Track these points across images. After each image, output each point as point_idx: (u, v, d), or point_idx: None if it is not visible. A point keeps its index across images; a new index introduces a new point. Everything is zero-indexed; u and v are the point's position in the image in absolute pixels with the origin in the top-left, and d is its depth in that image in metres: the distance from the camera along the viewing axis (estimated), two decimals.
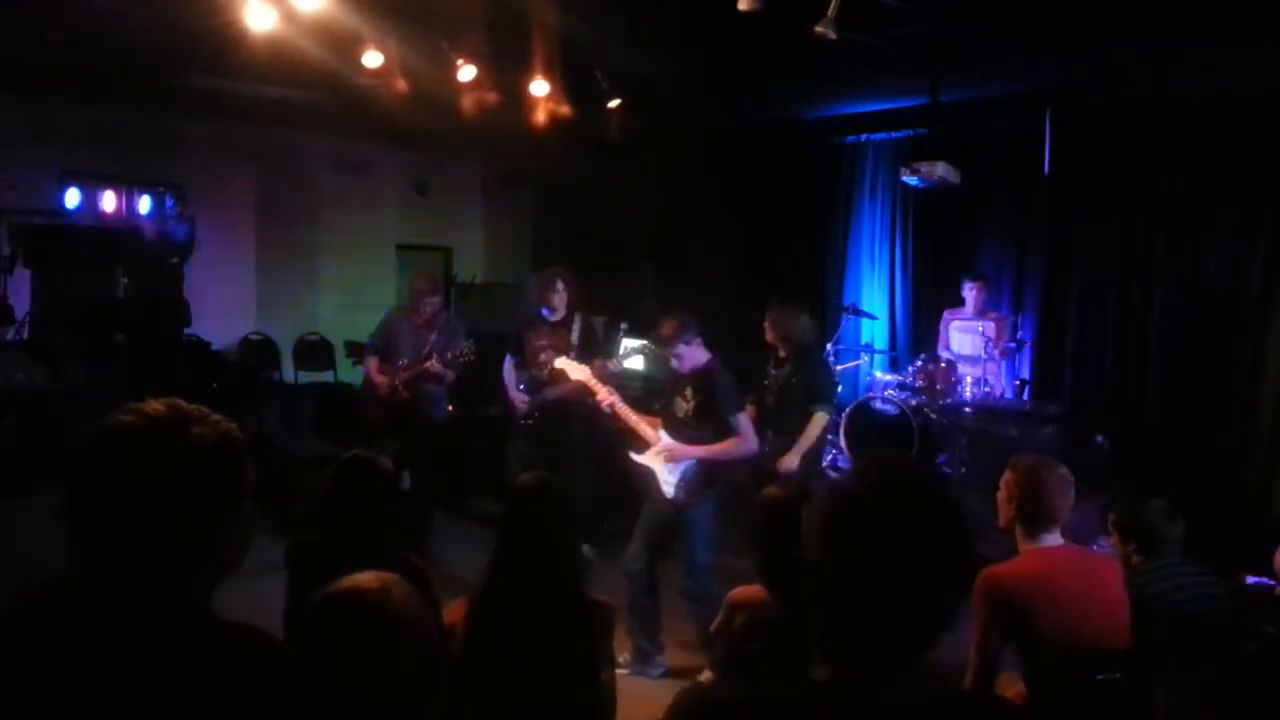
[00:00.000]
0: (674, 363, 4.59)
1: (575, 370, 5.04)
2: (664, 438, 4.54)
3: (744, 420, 4.58)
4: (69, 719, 1.38)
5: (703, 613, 4.31)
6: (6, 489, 6.03)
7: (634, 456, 4.62)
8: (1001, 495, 3.05)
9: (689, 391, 4.54)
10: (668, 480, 4.49)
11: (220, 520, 1.49)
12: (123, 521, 1.42)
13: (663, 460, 4.52)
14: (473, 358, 5.98)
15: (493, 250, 10.82)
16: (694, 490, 4.48)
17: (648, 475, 4.57)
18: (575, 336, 5.82)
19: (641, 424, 4.63)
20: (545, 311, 5.88)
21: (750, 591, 3.00)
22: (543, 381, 5.78)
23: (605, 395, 4.77)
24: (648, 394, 6.21)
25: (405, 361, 6.06)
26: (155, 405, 1.48)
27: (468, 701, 2.51)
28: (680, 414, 4.56)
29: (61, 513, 1.44)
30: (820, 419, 5.26)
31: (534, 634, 2.66)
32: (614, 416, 4.75)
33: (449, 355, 5.96)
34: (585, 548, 4.77)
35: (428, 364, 5.97)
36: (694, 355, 4.55)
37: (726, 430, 4.45)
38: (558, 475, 3.04)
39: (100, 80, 7.17)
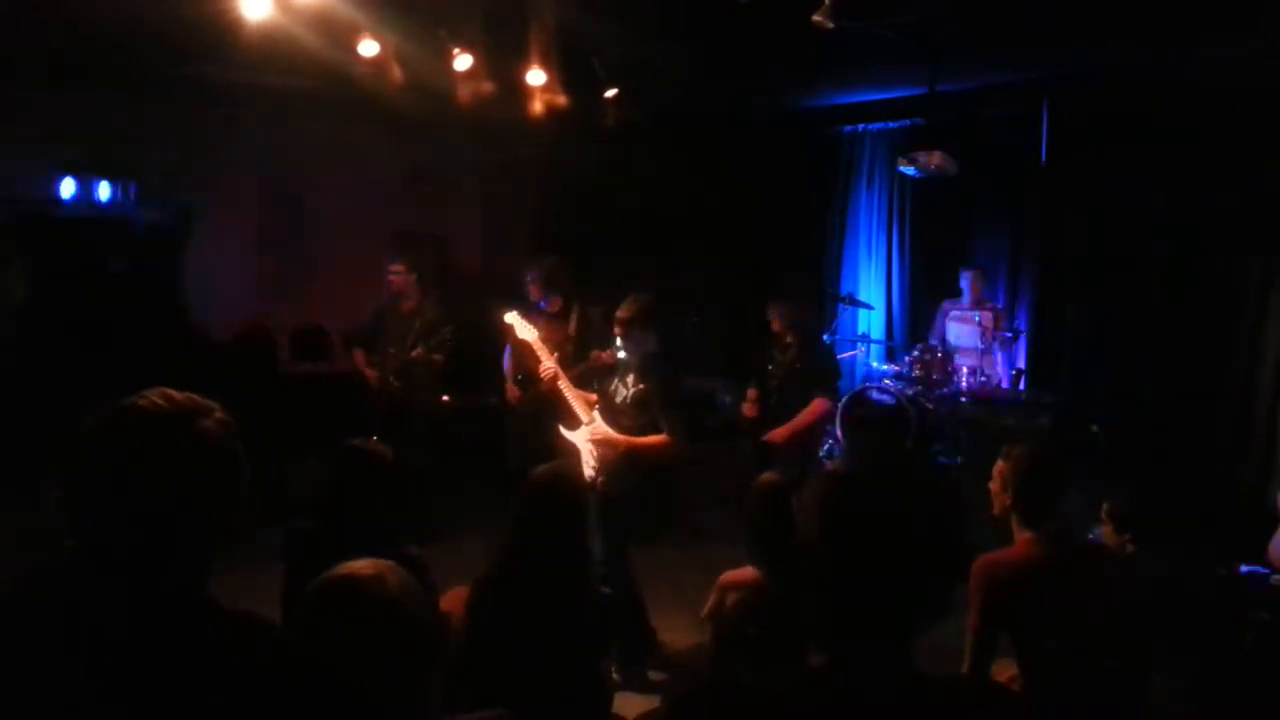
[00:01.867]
0: (622, 346, 4.47)
1: (524, 330, 4.93)
2: (597, 420, 4.45)
3: (677, 420, 4.40)
4: (70, 707, 1.38)
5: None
6: (4, 479, 6.02)
7: (563, 431, 4.56)
8: (995, 485, 3.05)
9: (631, 379, 4.43)
10: (590, 463, 4.41)
11: (219, 510, 1.49)
12: (123, 512, 1.42)
13: (590, 442, 4.45)
14: (452, 340, 6.00)
15: (490, 240, 10.79)
16: (614, 477, 4.37)
17: (573, 453, 4.49)
18: (572, 328, 5.83)
19: (579, 401, 4.54)
20: (543, 303, 5.88)
21: (742, 574, 3.02)
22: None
23: (549, 364, 4.70)
24: None
25: (393, 351, 6.11)
26: (153, 398, 1.47)
27: (467, 688, 2.52)
28: (618, 400, 4.45)
29: (59, 502, 1.44)
30: (821, 404, 5.26)
31: (537, 622, 2.67)
32: (551, 385, 4.66)
33: (431, 342, 6.02)
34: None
35: (414, 353, 6.03)
36: (646, 343, 4.45)
37: (659, 426, 4.34)
38: (563, 467, 3.06)
39: (96, 70, 7.13)
